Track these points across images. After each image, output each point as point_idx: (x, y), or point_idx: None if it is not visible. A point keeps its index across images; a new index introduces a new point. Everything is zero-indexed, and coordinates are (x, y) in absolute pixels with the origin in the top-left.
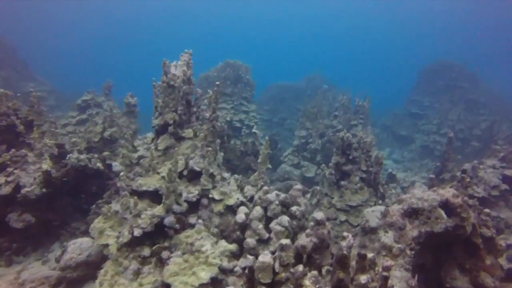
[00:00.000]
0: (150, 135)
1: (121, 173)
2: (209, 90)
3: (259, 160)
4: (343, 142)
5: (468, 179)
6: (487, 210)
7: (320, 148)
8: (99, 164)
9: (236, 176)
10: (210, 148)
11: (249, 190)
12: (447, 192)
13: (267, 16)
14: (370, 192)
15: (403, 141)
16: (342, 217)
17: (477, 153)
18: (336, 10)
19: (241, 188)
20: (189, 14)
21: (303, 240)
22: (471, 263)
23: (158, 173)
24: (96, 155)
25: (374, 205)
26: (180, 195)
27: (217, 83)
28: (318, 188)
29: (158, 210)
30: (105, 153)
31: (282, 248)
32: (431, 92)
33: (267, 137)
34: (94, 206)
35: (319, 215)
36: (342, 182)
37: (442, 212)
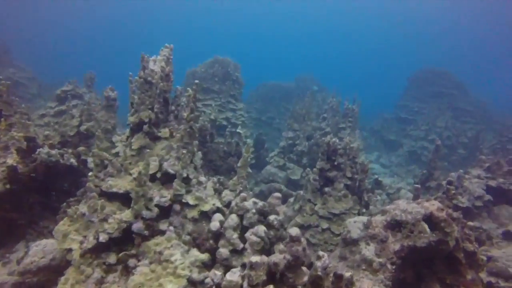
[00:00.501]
0: (126, 132)
1: (90, 173)
2: (188, 88)
3: (238, 164)
4: (329, 147)
5: (454, 191)
6: (470, 224)
7: (307, 150)
8: (72, 160)
9: (214, 179)
10: (186, 150)
11: (227, 195)
12: (432, 205)
13: (262, 15)
14: (354, 200)
15: (391, 145)
16: (324, 225)
17: (463, 161)
18: (330, 12)
19: (219, 193)
20: (181, 9)
21: (276, 257)
22: (452, 278)
23: (130, 174)
24: (70, 150)
25: (358, 213)
26: (151, 199)
27: (196, 81)
28: (301, 192)
29: (126, 215)
30: (81, 149)
31: (252, 266)
32: (420, 98)
33: (248, 140)
34: (64, 204)
35: (294, 231)
36: (326, 189)
37: (426, 226)
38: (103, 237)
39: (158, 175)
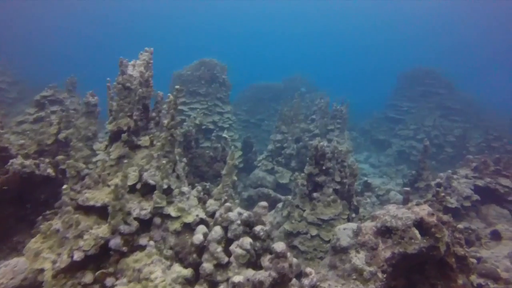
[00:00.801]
0: (105, 141)
1: (64, 186)
2: (169, 94)
3: (223, 172)
4: (317, 151)
5: (443, 193)
6: (460, 227)
7: (295, 153)
8: (49, 170)
9: (199, 187)
10: (167, 159)
11: (211, 204)
12: (422, 210)
13: (252, 15)
14: (343, 205)
15: (380, 145)
16: (314, 232)
17: (450, 159)
18: (319, 11)
19: (204, 201)
20: (167, 10)
21: (261, 274)
22: (443, 283)
23: (109, 186)
24: (47, 160)
25: (348, 218)
26: (129, 213)
27: (177, 87)
28: (289, 198)
29: (103, 230)
30: (59, 157)
31: (235, 287)
32: (409, 97)
33: (233, 147)
34: (40, 217)
35: (279, 246)
36: (315, 194)
37: (417, 232)
38: (78, 255)
39: (138, 186)
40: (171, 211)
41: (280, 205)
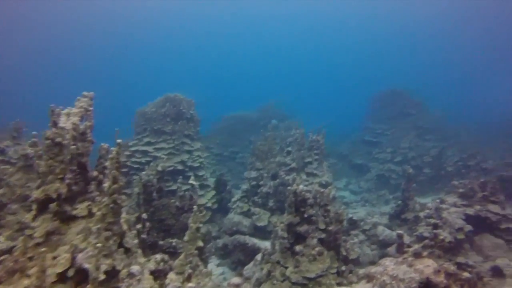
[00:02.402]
0: (32, 211)
1: None
2: (112, 148)
3: (185, 238)
4: (296, 197)
5: (442, 237)
6: (466, 275)
7: (273, 192)
8: None
9: (157, 257)
10: (109, 233)
11: (172, 281)
12: (426, 268)
13: (218, 45)
14: (331, 257)
15: (359, 170)
16: None
17: (430, 180)
18: (290, 35)
19: (164, 275)
20: (130, 47)
21: None
22: None
23: (28, 276)
24: None
25: (337, 272)
26: None
27: (119, 141)
28: (268, 249)
29: None
30: None
31: None
32: (382, 119)
33: (195, 206)
34: None
35: None
36: (297, 248)
37: None
38: None
39: (70, 273)
40: None
41: (259, 257)
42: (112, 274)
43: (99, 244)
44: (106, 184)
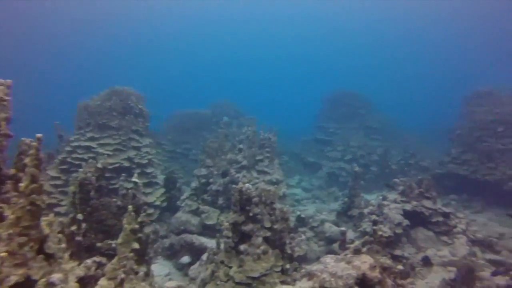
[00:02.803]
0: None
1: None
2: (33, 143)
3: (119, 240)
4: (241, 195)
5: (381, 233)
6: (400, 267)
7: (222, 189)
8: None
9: (88, 262)
10: (24, 239)
11: (102, 287)
12: (363, 264)
13: (173, 41)
14: (275, 256)
15: (311, 167)
16: None
17: (376, 178)
18: (246, 34)
19: (95, 281)
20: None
21: None
22: None
23: None
24: None
25: (281, 270)
26: None
27: (38, 135)
28: (213, 249)
29: None
30: None
31: None
32: (334, 118)
33: (130, 206)
34: None
35: None
36: (242, 247)
37: None
38: None
39: None
40: None
41: (204, 256)
42: (27, 285)
43: (2, 254)
44: (21, 184)
